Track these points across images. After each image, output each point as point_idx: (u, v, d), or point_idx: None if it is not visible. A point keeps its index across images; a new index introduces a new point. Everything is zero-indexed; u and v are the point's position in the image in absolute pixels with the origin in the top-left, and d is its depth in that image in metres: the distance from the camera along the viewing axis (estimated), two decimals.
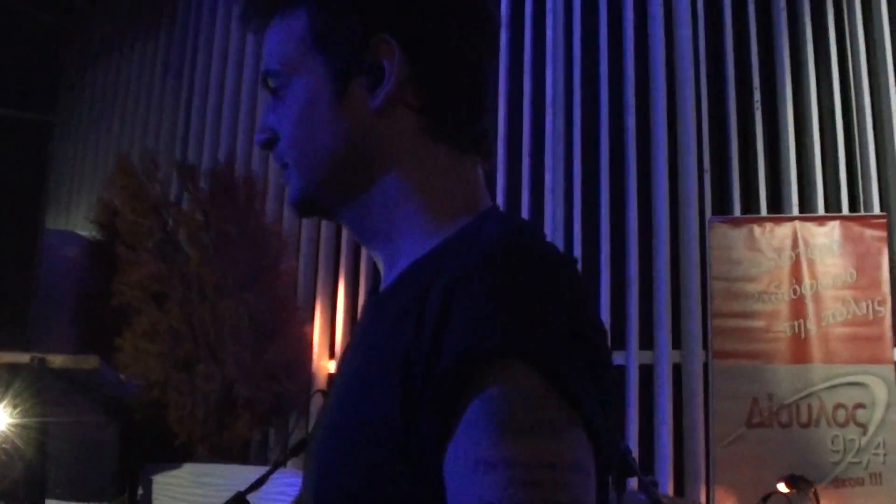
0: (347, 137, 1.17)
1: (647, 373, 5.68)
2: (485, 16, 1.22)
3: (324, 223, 6.13)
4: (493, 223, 1.14)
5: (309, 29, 1.18)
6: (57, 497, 5.01)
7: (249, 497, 2.57)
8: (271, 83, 1.23)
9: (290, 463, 3.06)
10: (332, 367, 6.10)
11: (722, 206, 5.83)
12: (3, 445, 3.44)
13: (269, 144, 1.24)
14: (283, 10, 1.21)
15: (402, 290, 1.13)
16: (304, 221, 6.23)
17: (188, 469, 5.25)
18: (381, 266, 1.23)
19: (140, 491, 5.20)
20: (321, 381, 6.09)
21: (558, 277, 1.04)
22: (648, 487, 3.95)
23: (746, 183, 5.86)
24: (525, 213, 6.08)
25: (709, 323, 5.45)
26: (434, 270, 1.06)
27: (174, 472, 5.22)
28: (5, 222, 4.87)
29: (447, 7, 1.18)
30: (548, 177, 6.08)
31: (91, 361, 4.77)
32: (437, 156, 1.18)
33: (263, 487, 2.69)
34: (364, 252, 6.25)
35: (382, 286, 1.22)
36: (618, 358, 5.72)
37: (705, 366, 5.51)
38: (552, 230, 5.99)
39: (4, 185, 4.92)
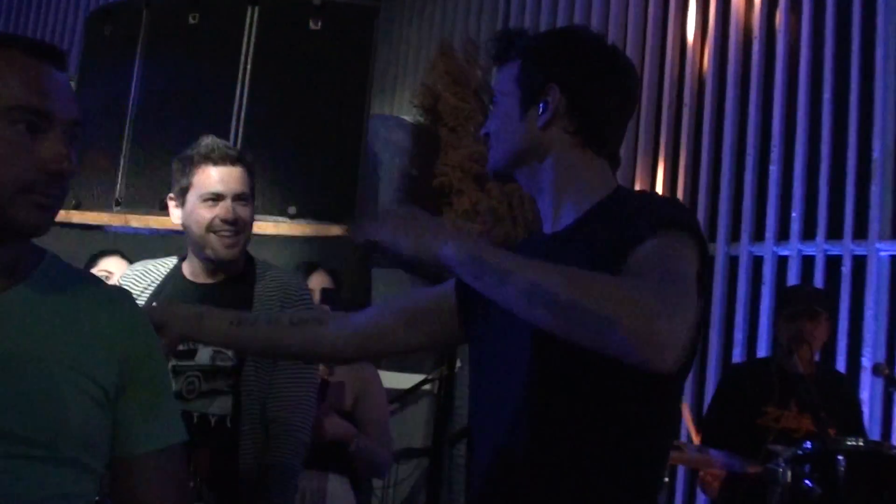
0: (520, 139, 1.98)
1: None
2: (622, 80, 1.99)
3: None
4: (636, 190, 2.22)
5: (516, 73, 2.00)
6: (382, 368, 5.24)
7: None
8: (492, 99, 2.07)
9: None
10: None
11: None
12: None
13: (486, 139, 2.05)
14: (509, 60, 2.03)
15: (589, 225, 1.91)
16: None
17: None
18: (543, 213, 2.01)
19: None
20: None
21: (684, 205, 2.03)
22: None
23: None
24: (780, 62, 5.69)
25: None
26: (609, 213, 1.89)
27: None
28: (333, 106, 5.03)
29: (596, 71, 1.96)
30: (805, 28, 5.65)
31: None
32: (583, 156, 1.97)
33: None
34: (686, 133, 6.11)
35: (553, 228, 1.98)
36: None
37: None
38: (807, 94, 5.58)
39: (332, 70, 5.06)
